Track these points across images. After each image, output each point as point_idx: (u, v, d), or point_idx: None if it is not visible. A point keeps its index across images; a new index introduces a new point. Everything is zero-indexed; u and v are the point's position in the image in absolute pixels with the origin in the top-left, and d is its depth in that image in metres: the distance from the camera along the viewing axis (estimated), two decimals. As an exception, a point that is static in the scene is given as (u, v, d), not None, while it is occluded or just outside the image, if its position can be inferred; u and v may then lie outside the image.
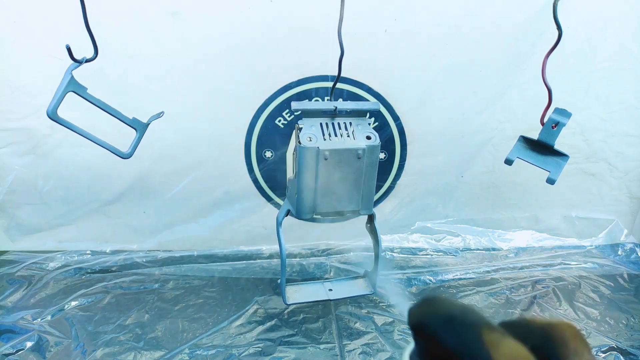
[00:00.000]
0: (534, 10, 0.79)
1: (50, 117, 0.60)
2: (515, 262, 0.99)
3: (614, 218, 1.05)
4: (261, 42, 0.81)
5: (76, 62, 0.62)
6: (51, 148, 0.87)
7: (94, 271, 0.93)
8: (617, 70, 0.87)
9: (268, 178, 0.95)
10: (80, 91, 0.62)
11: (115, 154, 0.67)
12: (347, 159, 0.63)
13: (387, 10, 0.80)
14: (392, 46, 0.83)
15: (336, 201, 0.66)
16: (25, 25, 0.76)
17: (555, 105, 0.68)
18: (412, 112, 0.90)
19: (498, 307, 0.84)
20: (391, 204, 1.01)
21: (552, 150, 0.68)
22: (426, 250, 1.03)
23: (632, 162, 0.98)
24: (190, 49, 0.81)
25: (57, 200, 0.94)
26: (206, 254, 1.00)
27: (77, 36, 0.63)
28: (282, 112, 0.88)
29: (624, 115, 0.92)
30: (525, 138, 0.70)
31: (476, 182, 1.00)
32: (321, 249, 1.02)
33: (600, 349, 0.73)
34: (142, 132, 0.70)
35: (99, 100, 0.65)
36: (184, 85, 0.84)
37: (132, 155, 0.69)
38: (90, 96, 0.63)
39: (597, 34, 0.84)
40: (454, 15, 0.81)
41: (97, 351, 0.72)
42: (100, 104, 0.65)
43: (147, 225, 0.99)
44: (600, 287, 0.90)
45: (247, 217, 0.99)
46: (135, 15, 0.77)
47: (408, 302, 0.27)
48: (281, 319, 0.80)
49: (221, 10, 0.78)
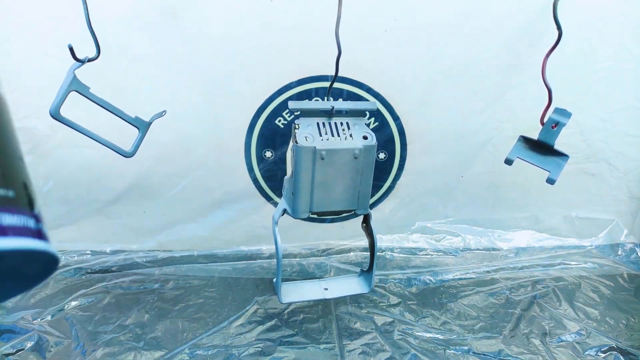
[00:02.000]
0: (534, 10, 0.79)
1: (53, 116, 0.60)
2: (515, 262, 0.99)
3: (614, 218, 1.05)
4: (261, 42, 0.81)
5: (79, 62, 0.62)
6: (51, 148, 0.87)
7: (94, 271, 0.93)
8: (617, 70, 0.87)
9: (268, 178, 0.95)
10: (83, 90, 0.62)
11: (118, 152, 0.67)
12: (344, 159, 0.63)
13: (387, 10, 0.80)
14: (392, 46, 0.83)
15: (332, 201, 0.66)
16: (25, 25, 0.76)
17: (555, 105, 0.68)
18: (412, 112, 0.90)
19: (498, 307, 0.84)
20: (391, 204, 1.01)
21: (552, 150, 0.68)
22: (426, 250, 1.03)
23: (632, 162, 0.98)
24: (190, 49, 0.81)
25: (56, 201, 0.94)
26: (206, 254, 1.00)
27: (77, 36, 0.63)
28: (282, 112, 0.88)
29: (624, 115, 0.92)
30: (525, 138, 0.70)
31: (476, 182, 1.00)
32: (321, 249, 1.02)
33: (600, 349, 0.73)
34: (145, 131, 0.70)
35: (101, 100, 0.65)
36: (184, 85, 0.84)
37: (135, 153, 0.69)
38: (93, 95, 0.64)
39: (597, 34, 0.84)
40: (454, 15, 0.81)
41: (97, 351, 0.72)
42: (103, 103, 0.65)
43: (147, 225, 0.99)
44: (600, 287, 0.90)
45: (247, 217, 0.99)
46: (135, 15, 0.77)
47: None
48: (281, 319, 0.80)
49: (221, 10, 0.78)
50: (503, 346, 0.74)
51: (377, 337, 0.76)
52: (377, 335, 0.76)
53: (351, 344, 0.74)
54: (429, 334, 0.77)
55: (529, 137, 0.69)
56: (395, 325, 0.79)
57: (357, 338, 0.75)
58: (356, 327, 0.78)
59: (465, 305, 0.84)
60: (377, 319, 0.80)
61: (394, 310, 0.83)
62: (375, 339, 0.75)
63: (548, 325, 0.79)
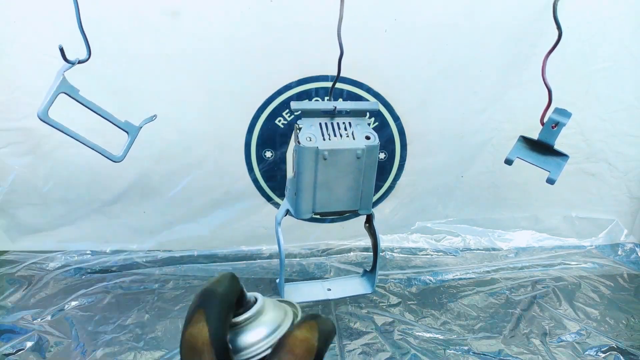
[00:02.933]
0: (534, 10, 0.79)
1: (40, 118, 0.59)
2: (515, 262, 0.99)
3: (614, 218, 1.05)
4: (261, 42, 0.81)
5: (69, 63, 0.61)
6: (51, 148, 0.87)
7: (94, 271, 0.93)
8: (617, 70, 0.87)
9: (268, 178, 0.95)
10: (72, 93, 0.62)
11: (107, 157, 0.67)
12: (346, 159, 0.63)
13: (387, 10, 0.80)
14: (392, 46, 0.83)
15: (335, 201, 0.66)
16: (25, 25, 0.76)
17: (555, 105, 0.68)
18: (412, 112, 0.90)
19: (498, 307, 0.84)
20: (391, 204, 1.01)
21: (552, 150, 0.68)
22: (426, 250, 1.03)
23: (632, 162, 0.98)
24: (190, 49, 0.81)
25: (57, 200, 0.94)
26: (206, 254, 1.00)
27: (77, 36, 0.63)
28: (282, 112, 0.88)
29: (624, 115, 0.92)
30: (525, 138, 0.70)
31: (476, 182, 1.00)
32: (321, 249, 1.02)
33: (600, 349, 0.73)
34: (135, 135, 0.69)
35: (91, 103, 0.64)
36: (184, 85, 0.84)
37: (124, 159, 0.68)
38: (82, 98, 0.63)
39: (597, 34, 0.84)
40: (454, 15, 0.81)
41: (97, 351, 0.72)
42: (92, 107, 0.64)
43: (147, 225, 0.99)
44: (600, 287, 0.90)
45: (247, 217, 0.99)
46: (135, 15, 0.77)
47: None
48: (281, 319, 0.80)
49: (221, 10, 0.77)
50: (503, 346, 0.74)
51: (377, 337, 0.76)
52: (377, 335, 0.76)
53: (351, 344, 0.74)
54: (429, 334, 0.77)
55: (529, 137, 0.69)
56: (395, 325, 0.79)
57: (357, 338, 0.75)
58: (356, 327, 0.78)
59: (465, 305, 0.84)
60: (377, 319, 0.80)
61: (394, 310, 0.83)
62: (375, 339, 0.75)
63: (548, 325, 0.79)
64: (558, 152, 0.67)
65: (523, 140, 0.70)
